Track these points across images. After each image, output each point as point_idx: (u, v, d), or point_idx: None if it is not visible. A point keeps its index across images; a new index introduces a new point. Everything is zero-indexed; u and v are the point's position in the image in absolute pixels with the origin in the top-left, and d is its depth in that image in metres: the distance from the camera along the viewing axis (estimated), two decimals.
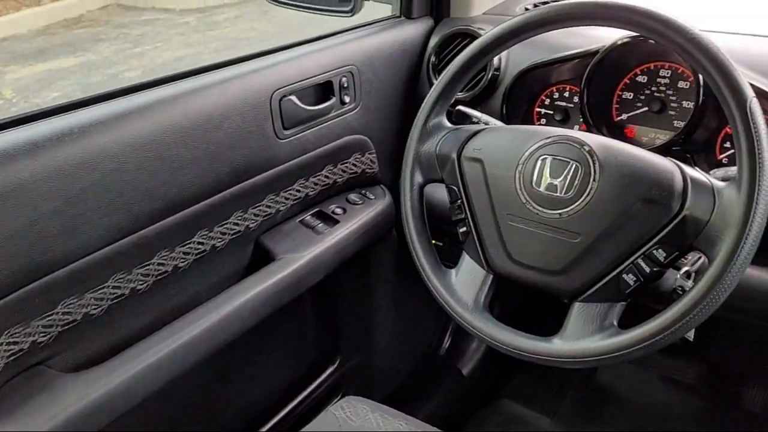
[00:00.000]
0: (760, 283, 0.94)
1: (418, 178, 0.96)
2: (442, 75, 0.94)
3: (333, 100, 1.13)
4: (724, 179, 0.77)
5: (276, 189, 1.07)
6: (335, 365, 1.36)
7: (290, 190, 1.10)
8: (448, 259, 0.96)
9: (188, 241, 0.95)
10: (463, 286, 0.90)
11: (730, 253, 0.70)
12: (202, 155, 0.93)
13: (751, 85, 0.74)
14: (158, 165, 0.88)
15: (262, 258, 1.07)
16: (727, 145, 1.00)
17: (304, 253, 1.06)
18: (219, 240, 1.00)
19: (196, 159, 0.93)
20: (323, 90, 1.12)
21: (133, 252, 0.88)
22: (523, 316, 1.17)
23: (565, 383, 1.65)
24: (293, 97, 1.05)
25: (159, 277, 0.93)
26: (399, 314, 1.46)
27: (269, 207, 1.07)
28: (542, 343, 0.82)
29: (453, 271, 0.92)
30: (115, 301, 0.88)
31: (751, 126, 0.71)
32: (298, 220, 1.14)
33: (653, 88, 1.07)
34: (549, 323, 0.85)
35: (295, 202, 1.12)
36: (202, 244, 0.97)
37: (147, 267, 0.91)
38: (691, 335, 0.84)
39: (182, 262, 0.95)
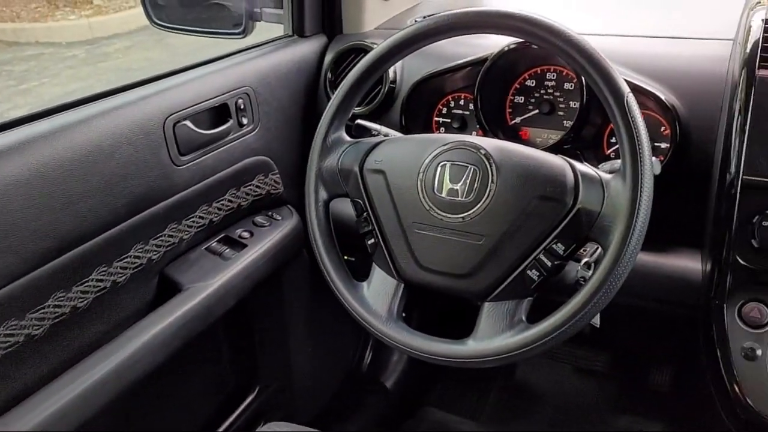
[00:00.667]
0: (653, 267, 1.00)
1: (323, 194, 0.95)
2: (338, 90, 0.95)
3: (230, 123, 1.11)
4: (611, 171, 0.81)
5: (177, 217, 1.04)
6: (255, 392, 1.33)
7: (193, 217, 1.07)
8: (361, 273, 0.95)
9: (86, 279, 0.90)
10: (375, 297, 0.90)
11: (622, 240, 0.74)
12: (94, 188, 0.89)
13: (627, 81, 0.79)
14: (46, 202, 0.84)
15: (168, 290, 1.03)
16: (614, 140, 1.05)
17: (213, 281, 1.04)
18: (120, 275, 0.95)
19: (87, 192, 0.88)
20: (219, 113, 1.10)
21: (25, 296, 0.83)
22: (441, 323, 1.18)
23: (487, 385, 1.68)
24: (188, 122, 1.03)
25: (56, 320, 0.87)
26: (317, 334, 1.44)
27: (172, 236, 1.04)
28: (456, 345, 0.83)
29: (364, 283, 0.92)
30: (8, 349, 0.82)
31: (630, 119, 0.75)
32: (204, 247, 1.11)
33: (542, 91, 1.12)
34: (466, 327, 0.86)
35: (199, 229, 1.09)
36: (102, 281, 0.93)
37: (42, 310, 0.85)
38: (597, 321, 0.88)
39: (81, 301, 0.90)
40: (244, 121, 1.13)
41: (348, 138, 0.98)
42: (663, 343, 1.43)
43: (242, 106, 1.13)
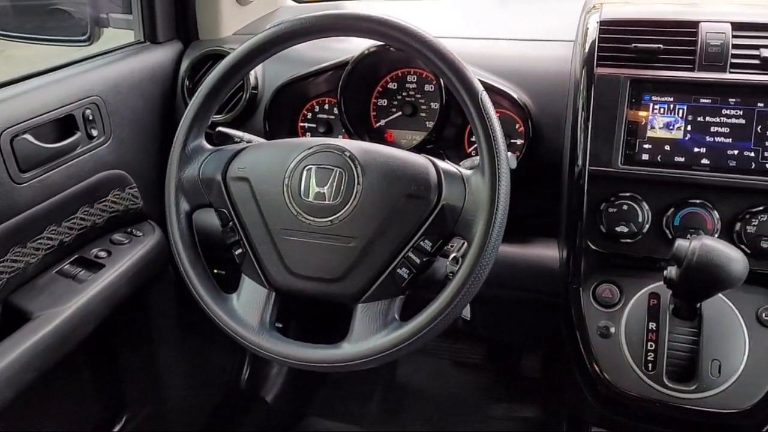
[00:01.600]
0: (515, 258, 1.05)
1: (184, 206, 0.91)
2: (194, 97, 0.91)
3: (78, 135, 1.03)
4: (471, 168, 0.84)
5: (21, 240, 0.95)
6: (122, 422, 1.24)
7: (40, 239, 0.98)
8: (233, 286, 0.92)
9: None
10: (245, 308, 0.87)
11: (484, 233, 0.76)
12: None
13: (482, 81, 0.82)
14: None
15: (14, 320, 0.94)
16: (474, 139, 1.09)
17: (66, 306, 0.96)
18: None
19: None
20: (65, 125, 1.02)
21: None
22: (319, 330, 1.17)
23: (369, 388, 1.69)
24: (28, 136, 0.94)
25: None
26: (190, 352, 1.38)
27: (16, 261, 0.94)
28: (332, 350, 0.82)
29: (234, 295, 0.89)
30: None
31: (484, 116, 0.78)
32: (55, 270, 1.03)
33: (404, 94, 1.14)
34: (343, 331, 0.85)
35: (47, 251, 1.00)
36: None
37: None
38: (467, 314, 0.90)
39: None
40: (94, 132, 1.06)
41: (209, 146, 0.94)
42: (531, 331, 1.51)
43: (91, 117, 1.05)
